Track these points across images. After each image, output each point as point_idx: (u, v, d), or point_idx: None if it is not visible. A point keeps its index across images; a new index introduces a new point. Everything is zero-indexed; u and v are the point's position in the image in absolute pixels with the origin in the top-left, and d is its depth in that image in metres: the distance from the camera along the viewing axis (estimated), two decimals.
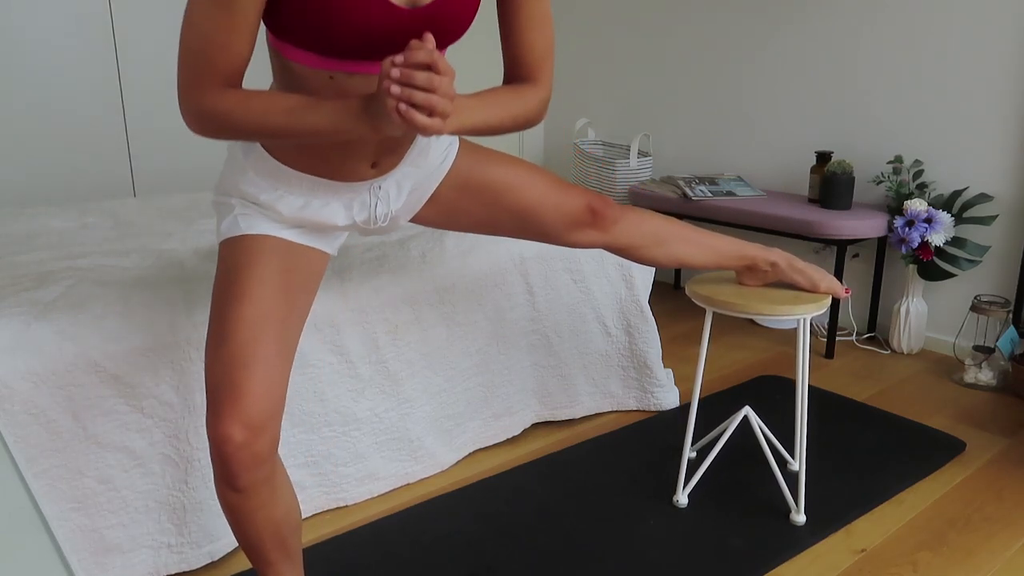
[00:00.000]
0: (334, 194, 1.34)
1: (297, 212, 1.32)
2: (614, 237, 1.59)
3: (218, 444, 1.17)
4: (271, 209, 1.31)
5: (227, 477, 1.19)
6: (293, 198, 1.32)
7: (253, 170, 1.31)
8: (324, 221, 1.35)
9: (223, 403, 1.18)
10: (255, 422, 1.18)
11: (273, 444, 1.21)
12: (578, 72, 3.94)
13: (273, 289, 1.26)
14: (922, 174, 2.80)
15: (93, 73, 2.97)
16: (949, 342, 2.84)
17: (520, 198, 1.50)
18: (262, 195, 1.31)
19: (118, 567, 1.55)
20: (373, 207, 1.38)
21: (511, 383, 2.14)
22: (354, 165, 1.31)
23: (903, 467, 2.04)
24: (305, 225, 1.35)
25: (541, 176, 1.53)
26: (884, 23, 2.84)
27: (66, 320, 1.49)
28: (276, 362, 1.22)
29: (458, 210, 1.50)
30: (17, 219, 2.30)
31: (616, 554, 1.70)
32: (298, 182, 1.31)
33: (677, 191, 3.18)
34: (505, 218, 1.52)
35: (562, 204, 1.53)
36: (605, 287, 2.25)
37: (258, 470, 1.20)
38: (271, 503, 1.26)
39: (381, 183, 1.38)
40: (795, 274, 1.73)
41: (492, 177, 1.49)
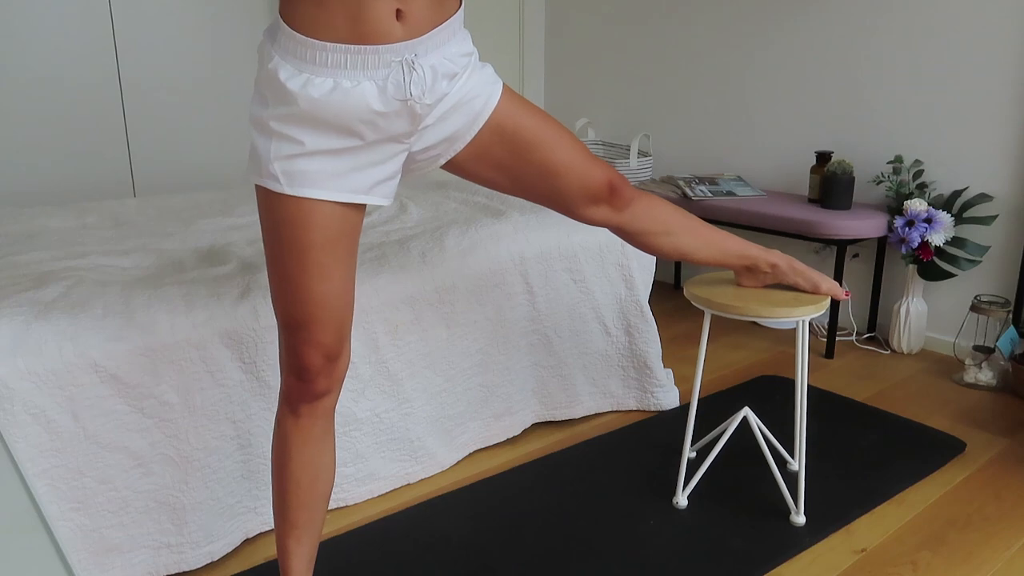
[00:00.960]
0: (363, 69, 1.25)
1: (326, 96, 1.24)
2: (625, 219, 1.58)
3: (298, 370, 1.30)
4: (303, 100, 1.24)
5: (298, 400, 1.32)
6: (320, 80, 1.24)
7: (279, 53, 1.25)
8: (356, 104, 1.26)
9: (305, 333, 1.29)
10: (331, 350, 1.31)
11: (342, 374, 1.36)
12: (578, 72, 3.94)
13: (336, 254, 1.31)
14: (922, 174, 2.81)
15: (93, 73, 2.97)
16: (949, 342, 2.84)
17: (549, 156, 1.49)
18: (290, 81, 1.24)
19: (118, 567, 1.55)
20: (408, 84, 1.28)
21: (511, 383, 2.14)
22: (375, 11, 1.23)
23: (903, 467, 2.04)
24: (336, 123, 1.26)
25: (573, 141, 1.52)
26: (884, 23, 2.84)
27: (66, 320, 1.49)
28: (345, 299, 1.33)
29: (489, 156, 1.46)
30: (17, 219, 2.30)
31: (616, 554, 1.70)
32: (322, 58, 1.24)
33: (677, 191, 3.18)
34: (530, 173, 1.49)
35: (586, 173, 1.52)
36: (605, 287, 2.26)
37: (324, 400, 1.33)
38: (320, 445, 1.36)
39: (413, 58, 1.28)
40: (795, 276, 1.73)
41: (528, 127, 1.47)
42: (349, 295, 1.34)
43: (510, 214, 2.21)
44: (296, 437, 1.34)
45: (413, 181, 2.86)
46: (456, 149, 1.41)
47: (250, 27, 3.27)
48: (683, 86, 3.51)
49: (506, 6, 3.96)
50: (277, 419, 1.36)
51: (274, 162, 1.25)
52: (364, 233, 2.15)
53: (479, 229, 2.09)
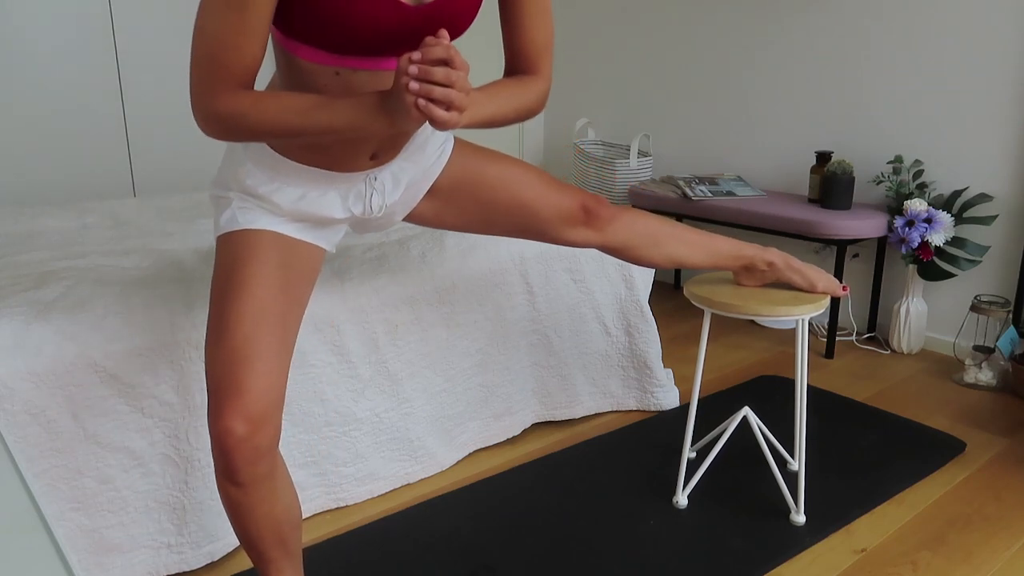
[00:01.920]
0: (331, 185, 1.35)
1: (294, 204, 1.32)
2: (608, 237, 1.59)
3: (220, 438, 1.18)
4: (269, 201, 1.32)
5: (228, 471, 1.20)
6: (291, 189, 1.32)
7: (252, 162, 1.32)
8: (321, 213, 1.35)
9: (224, 397, 1.18)
10: (256, 416, 1.19)
11: (274, 438, 1.22)
12: (578, 72, 3.94)
13: (272, 284, 1.27)
14: (922, 174, 2.81)
15: (93, 73, 2.97)
16: (949, 342, 2.84)
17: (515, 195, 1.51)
18: (260, 187, 1.31)
19: (118, 567, 1.55)
20: (368, 198, 1.38)
21: (511, 383, 2.14)
22: (354, 157, 1.32)
23: (903, 467, 2.04)
24: (303, 218, 1.36)
25: (535, 174, 1.54)
26: (884, 23, 2.84)
27: (66, 320, 1.49)
28: (276, 356, 1.23)
29: (453, 206, 1.50)
30: (17, 219, 2.30)
31: (616, 554, 1.70)
32: (296, 173, 1.32)
33: (677, 191, 3.18)
34: (500, 215, 1.52)
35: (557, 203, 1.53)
36: (605, 287, 2.26)
37: (259, 464, 1.21)
38: (272, 499, 1.27)
39: (377, 174, 1.38)
40: (793, 274, 1.73)
41: (487, 174, 1.50)
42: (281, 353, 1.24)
43: None
44: (244, 502, 1.24)
45: None
46: (411, 206, 1.49)
47: None
48: (683, 86, 3.51)
49: None
50: (219, 487, 1.25)
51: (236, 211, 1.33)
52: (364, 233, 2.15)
53: None
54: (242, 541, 1.31)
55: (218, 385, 1.20)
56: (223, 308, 1.24)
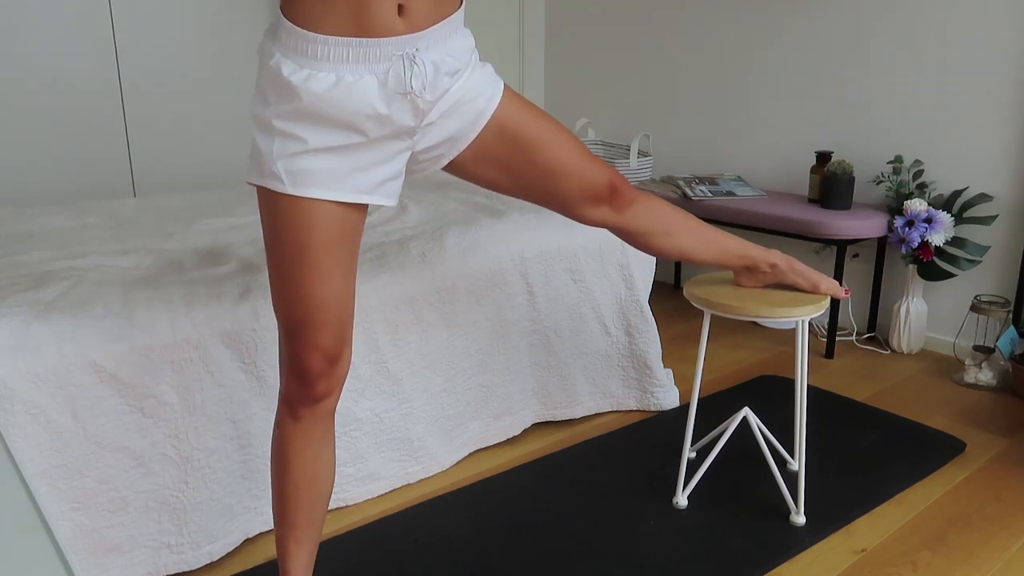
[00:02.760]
0: (365, 63, 1.26)
1: (328, 91, 1.24)
2: (627, 219, 1.58)
3: (299, 372, 1.29)
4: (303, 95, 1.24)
5: (297, 403, 1.31)
6: (323, 75, 1.25)
7: (280, 50, 1.26)
8: (358, 99, 1.26)
9: (306, 335, 1.28)
10: (332, 353, 1.30)
11: (342, 376, 1.34)
12: (578, 72, 3.94)
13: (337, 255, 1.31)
14: (922, 174, 2.81)
15: (93, 73, 2.97)
16: (949, 342, 2.84)
17: (550, 156, 1.49)
18: (292, 76, 1.24)
19: (118, 567, 1.55)
20: (409, 77, 1.28)
21: (511, 383, 2.14)
22: (378, 4, 1.24)
23: (903, 467, 2.04)
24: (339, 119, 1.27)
25: (574, 141, 1.52)
26: (884, 23, 2.84)
27: (66, 320, 1.49)
28: (345, 302, 1.32)
29: (490, 155, 1.46)
30: (17, 219, 2.30)
31: (616, 554, 1.70)
32: (324, 52, 1.24)
33: (677, 191, 3.18)
34: (531, 173, 1.49)
35: (587, 173, 1.52)
36: (605, 287, 2.26)
37: (324, 403, 1.33)
38: (319, 446, 1.36)
39: (414, 53, 1.29)
40: (795, 276, 1.73)
41: (529, 127, 1.47)
42: (350, 297, 1.34)
43: (510, 214, 2.21)
44: (296, 440, 1.34)
45: (413, 181, 2.86)
46: (459, 149, 1.41)
47: (250, 27, 3.27)
48: (683, 86, 3.51)
49: (506, 6, 3.96)
50: (277, 421, 1.36)
51: (277, 161, 1.24)
52: (364, 233, 2.15)
53: (479, 229, 2.09)
54: (276, 493, 1.38)
55: (297, 323, 1.29)
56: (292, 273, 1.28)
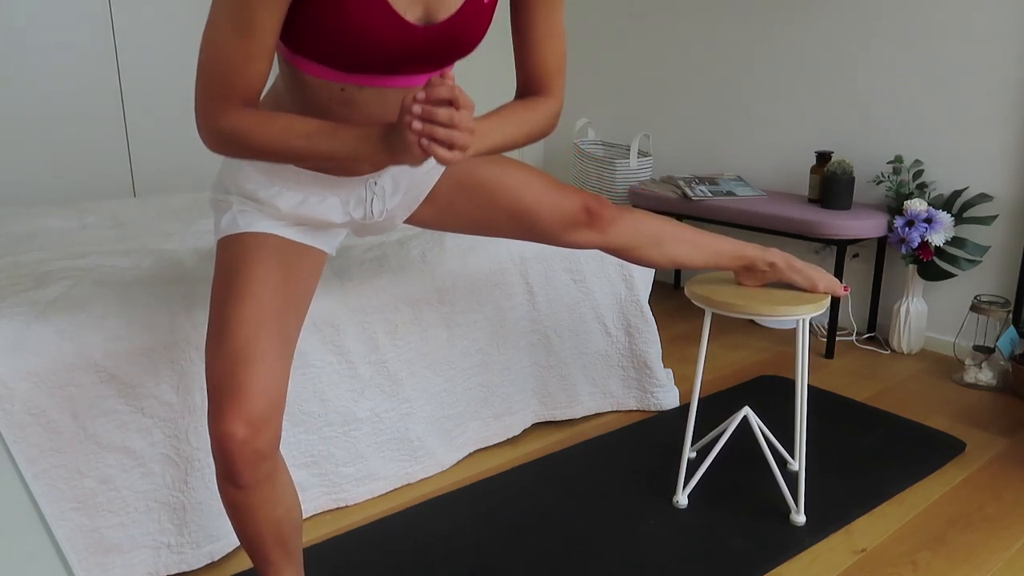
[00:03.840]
0: (331, 189, 1.35)
1: (295, 208, 1.32)
2: (611, 238, 1.59)
3: (220, 441, 1.17)
4: (269, 205, 1.32)
5: (229, 474, 1.20)
6: (291, 194, 1.32)
7: (251, 167, 1.32)
8: (321, 217, 1.35)
9: (225, 400, 1.18)
10: (257, 419, 1.18)
11: (275, 440, 1.22)
12: (578, 72, 3.94)
13: (273, 287, 1.27)
14: (922, 174, 2.81)
15: (93, 73, 2.97)
16: (949, 342, 2.84)
17: (516, 199, 1.50)
18: (260, 191, 1.31)
19: (118, 567, 1.55)
20: (369, 203, 1.38)
21: (511, 383, 2.14)
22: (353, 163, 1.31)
23: (903, 467, 2.04)
24: (303, 222, 1.36)
25: (537, 177, 1.53)
26: (884, 23, 2.84)
27: (66, 320, 1.49)
28: (277, 359, 1.23)
29: (454, 210, 1.50)
30: (17, 219, 2.30)
31: (616, 554, 1.70)
32: (295, 178, 1.32)
33: (677, 191, 3.18)
34: (501, 218, 1.52)
35: (558, 205, 1.53)
36: (605, 287, 2.25)
37: (260, 466, 1.21)
38: (272, 500, 1.27)
39: (377, 179, 1.38)
40: (794, 274, 1.73)
41: (488, 177, 1.49)
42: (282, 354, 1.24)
43: None
44: (244, 504, 1.24)
45: None
46: (412, 209, 1.48)
47: None
48: (683, 86, 3.51)
49: (506, 6, 3.96)
50: (219, 490, 1.26)
51: (236, 215, 1.33)
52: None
53: None
54: (243, 542, 1.31)
55: (218, 387, 1.19)
56: (224, 311, 1.24)
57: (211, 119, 1.14)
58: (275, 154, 1.15)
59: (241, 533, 1.29)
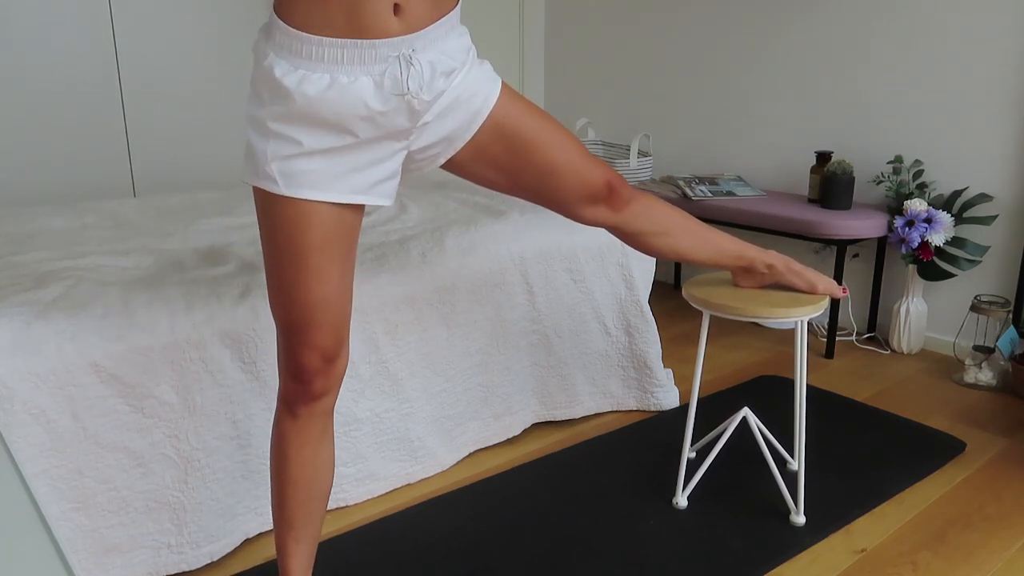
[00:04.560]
0: (360, 64, 1.25)
1: (322, 93, 1.23)
2: (623, 219, 1.58)
3: (296, 372, 1.30)
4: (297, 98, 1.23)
5: (294, 400, 1.32)
6: (317, 76, 1.23)
7: (274, 50, 1.24)
8: (353, 101, 1.25)
9: (301, 332, 1.29)
10: (329, 352, 1.31)
11: (340, 375, 1.35)
12: (578, 72, 3.94)
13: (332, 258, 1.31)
14: (922, 174, 2.81)
15: (93, 73, 2.97)
16: (949, 342, 2.84)
17: (548, 156, 1.48)
18: (285, 78, 1.23)
19: (118, 567, 1.55)
20: (405, 79, 1.27)
21: (511, 383, 2.14)
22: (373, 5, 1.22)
23: (903, 467, 2.04)
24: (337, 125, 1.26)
25: (572, 140, 1.52)
26: (884, 23, 2.84)
27: (66, 320, 1.49)
28: (342, 301, 1.33)
29: (487, 156, 1.45)
30: (17, 219, 2.30)
31: (616, 554, 1.70)
32: (319, 53, 1.23)
33: (677, 191, 3.18)
34: (529, 173, 1.49)
35: (585, 173, 1.52)
36: (605, 287, 2.26)
37: (322, 401, 1.33)
38: (318, 443, 1.36)
39: (411, 53, 1.28)
40: (792, 276, 1.73)
41: (527, 127, 1.46)
42: (347, 297, 1.34)
43: (510, 214, 2.21)
44: (294, 438, 1.34)
45: (413, 181, 2.86)
46: (455, 148, 1.40)
47: (250, 27, 3.27)
48: (683, 86, 3.51)
49: (506, 6, 3.96)
50: (275, 419, 1.36)
51: (271, 162, 1.24)
52: (364, 233, 2.15)
53: (479, 229, 2.09)
54: (275, 493, 1.38)
55: (293, 323, 1.29)
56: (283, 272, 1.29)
57: None
58: None
59: (277, 477, 1.37)
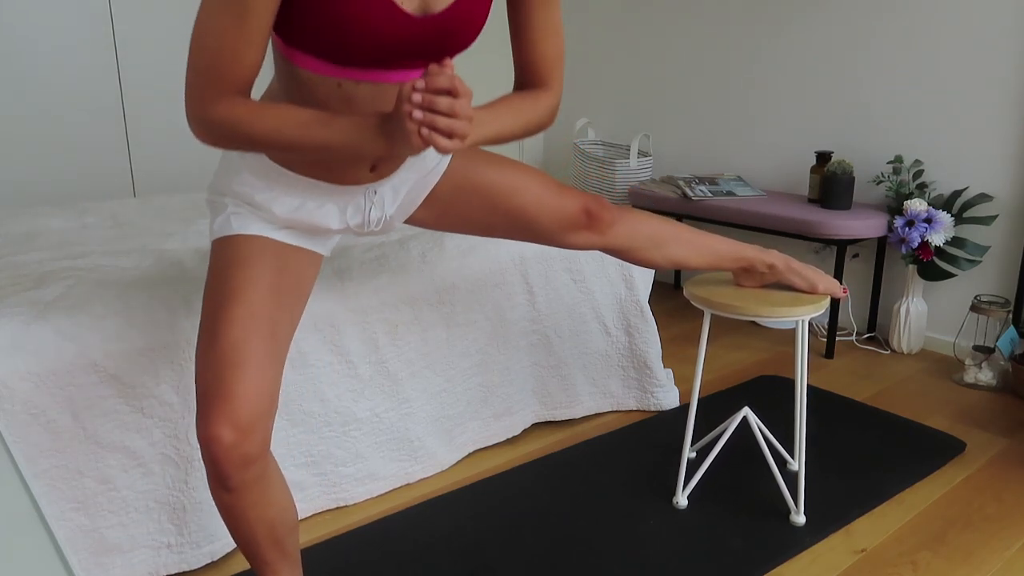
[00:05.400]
0: (329, 196, 1.34)
1: (291, 213, 1.32)
2: (610, 239, 1.59)
3: (207, 445, 1.17)
4: (265, 210, 1.31)
5: (218, 477, 1.20)
6: (288, 199, 1.31)
7: (248, 170, 1.31)
8: (318, 223, 1.35)
9: (212, 404, 1.17)
10: (244, 423, 1.17)
11: (263, 445, 1.21)
12: (578, 72, 3.94)
13: (265, 290, 1.26)
14: (922, 174, 2.81)
15: (93, 73, 2.97)
16: (949, 342, 2.84)
17: (515, 201, 1.49)
18: (257, 195, 1.30)
19: (118, 567, 1.55)
20: (367, 211, 1.37)
21: (511, 383, 2.14)
22: (353, 170, 1.32)
23: (903, 467, 2.04)
24: (298, 227, 1.35)
25: (536, 178, 1.52)
26: (884, 23, 2.84)
27: (66, 320, 1.49)
28: (266, 362, 1.22)
29: (453, 212, 1.49)
30: (17, 219, 2.30)
31: (616, 554, 1.70)
32: (293, 183, 1.31)
33: (677, 191, 3.18)
34: (500, 220, 1.51)
35: (558, 207, 1.52)
36: (605, 287, 2.26)
37: (248, 470, 1.20)
38: (264, 502, 1.26)
39: (377, 188, 1.37)
40: (793, 275, 1.73)
41: (487, 179, 1.48)
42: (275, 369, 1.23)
43: None
44: (237, 507, 1.24)
45: None
46: (408, 213, 1.48)
47: None
48: (683, 86, 3.51)
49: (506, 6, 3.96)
50: (211, 490, 1.25)
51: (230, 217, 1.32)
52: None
53: None
54: (239, 544, 1.31)
55: (206, 390, 1.19)
56: (214, 313, 1.23)
57: (202, 107, 1.12)
58: (267, 143, 1.13)
59: (235, 535, 1.29)
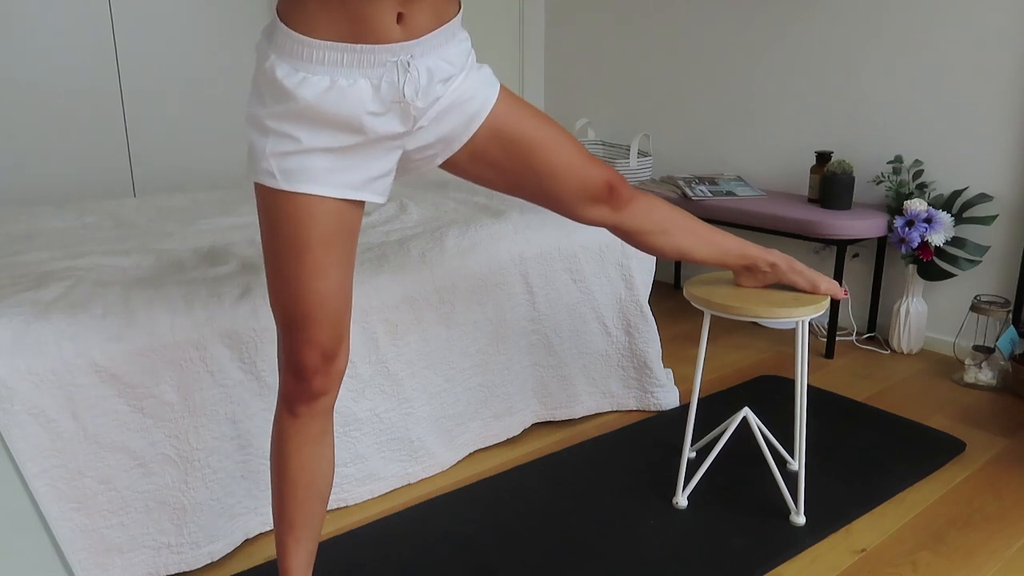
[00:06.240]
0: (359, 68, 1.28)
1: (322, 95, 1.26)
2: (624, 218, 1.58)
3: (295, 369, 1.30)
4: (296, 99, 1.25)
5: (296, 400, 1.32)
6: (317, 79, 1.26)
7: (276, 52, 1.27)
8: (352, 108, 1.28)
9: (302, 332, 1.29)
10: (328, 349, 1.31)
11: (339, 373, 1.35)
12: (578, 72, 3.94)
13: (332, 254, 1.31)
14: (922, 174, 2.81)
15: (93, 73, 2.97)
16: (949, 342, 2.84)
17: (547, 159, 1.49)
18: (286, 80, 1.25)
19: (118, 567, 1.55)
20: (402, 84, 1.30)
21: (511, 383, 2.14)
22: (377, 13, 1.25)
23: (903, 467, 2.04)
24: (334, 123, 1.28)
25: (571, 142, 1.52)
26: (884, 23, 2.84)
27: (66, 320, 1.49)
28: (342, 298, 1.33)
29: (487, 158, 1.47)
30: (17, 219, 2.30)
31: (616, 554, 1.70)
32: (320, 56, 1.26)
33: (677, 191, 3.18)
34: (529, 175, 1.49)
35: (585, 175, 1.52)
36: (605, 287, 2.26)
37: (320, 400, 1.33)
38: (318, 444, 1.36)
39: (408, 59, 1.30)
40: (794, 275, 1.73)
41: (526, 131, 1.47)
42: (347, 294, 1.34)
43: (510, 214, 2.21)
44: (294, 437, 1.34)
45: (413, 181, 2.86)
46: (453, 149, 1.42)
47: (250, 27, 3.27)
48: (683, 86, 3.51)
49: (506, 6, 3.96)
50: (275, 418, 1.36)
51: (270, 159, 1.26)
52: (364, 233, 2.15)
53: (479, 229, 2.09)
54: (275, 491, 1.38)
55: (293, 319, 1.30)
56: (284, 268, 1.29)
57: None
58: None
59: (278, 476, 1.36)
